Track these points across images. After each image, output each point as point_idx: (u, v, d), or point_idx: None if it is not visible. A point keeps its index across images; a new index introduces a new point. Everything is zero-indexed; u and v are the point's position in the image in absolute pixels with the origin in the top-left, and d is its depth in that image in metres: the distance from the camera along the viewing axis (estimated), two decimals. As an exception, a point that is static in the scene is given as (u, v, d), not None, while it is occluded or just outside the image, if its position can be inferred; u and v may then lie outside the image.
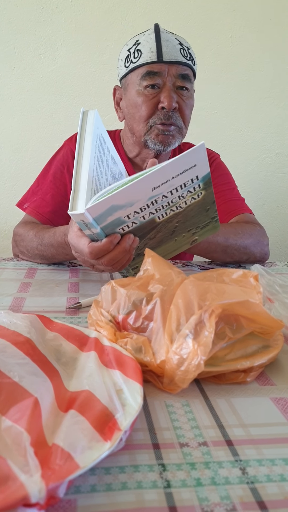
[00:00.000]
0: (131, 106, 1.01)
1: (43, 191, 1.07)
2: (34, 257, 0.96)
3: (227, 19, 1.76)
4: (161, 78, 0.96)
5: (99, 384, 0.44)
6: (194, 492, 0.34)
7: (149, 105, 0.98)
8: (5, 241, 1.85)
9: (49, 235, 0.90)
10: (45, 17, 1.69)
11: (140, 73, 0.97)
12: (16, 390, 0.40)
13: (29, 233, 0.96)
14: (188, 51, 0.99)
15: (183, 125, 1.02)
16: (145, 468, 0.36)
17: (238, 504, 0.33)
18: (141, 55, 0.97)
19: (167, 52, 0.96)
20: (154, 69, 0.96)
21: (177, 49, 0.97)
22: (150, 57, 0.96)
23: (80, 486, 0.34)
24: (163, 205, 0.69)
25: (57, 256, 0.91)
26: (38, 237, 0.93)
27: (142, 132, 1.01)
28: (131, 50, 0.99)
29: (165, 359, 0.47)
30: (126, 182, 0.64)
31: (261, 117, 1.89)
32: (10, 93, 1.75)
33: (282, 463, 0.37)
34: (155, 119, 0.98)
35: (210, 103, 1.85)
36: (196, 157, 0.64)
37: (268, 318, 0.53)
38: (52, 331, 0.55)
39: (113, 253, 0.69)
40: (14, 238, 1.03)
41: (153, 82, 0.96)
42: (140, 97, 0.98)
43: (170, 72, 0.96)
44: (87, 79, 1.75)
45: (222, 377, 0.50)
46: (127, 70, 1.00)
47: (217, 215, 0.79)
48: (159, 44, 0.96)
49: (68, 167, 1.09)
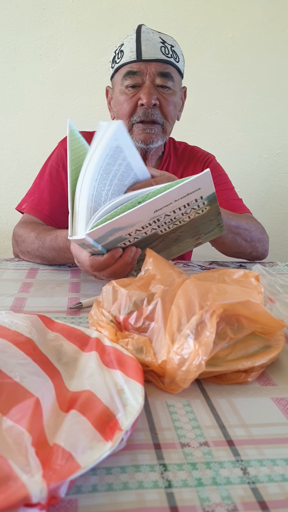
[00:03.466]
0: (116, 104, 1.05)
1: (40, 190, 1.08)
2: (35, 258, 0.96)
3: (228, 19, 1.76)
4: (141, 77, 0.99)
5: (100, 384, 0.44)
6: (195, 492, 0.34)
7: (129, 103, 1.01)
8: (7, 241, 1.85)
9: (51, 238, 0.89)
10: (46, 17, 1.69)
11: (122, 73, 1.01)
12: (17, 390, 0.40)
13: (30, 234, 0.95)
14: (172, 49, 1.00)
15: (166, 121, 1.03)
16: (146, 468, 0.36)
17: (239, 504, 0.33)
18: (123, 56, 1.00)
19: (146, 51, 0.98)
20: (133, 68, 0.99)
21: (157, 47, 0.98)
22: (130, 57, 0.99)
23: (81, 486, 0.34)
24: (166, 222, 0.68)
25: (58, 259, 0.91)
26: (39, 240, 0.93)
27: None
28: (116, 52, 1.03)
29: (166, 359, 0.47)
30: (127, 204, 0.63)
31: (262, 117, 1.89)
32: (11, 94, 1.75)
33: (283, 463, 0.37)
34: (135, 117, 1.01)
35: (211, 103, 1.85)
36: (201, 182, 0.64)
37: (269, 318, 0.53)
38: (53, 331, 0.55)
39: (114, 266, 0.70)
40: (14, 238, 1.02)
41: (133, 82, 0.99)
42: (122, 95, 1.02)
43: (150, 70, 0.99)
44: (88, 80, 1.76)
45: (223, 377, 0.50)
46: (113, 70, 1.05)
47: (222, 221, 0.79)
48: (138, 44, 0.98)
49: (63, 165, 1.09)
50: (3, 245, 1.88)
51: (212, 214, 0.73)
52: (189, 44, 1.76)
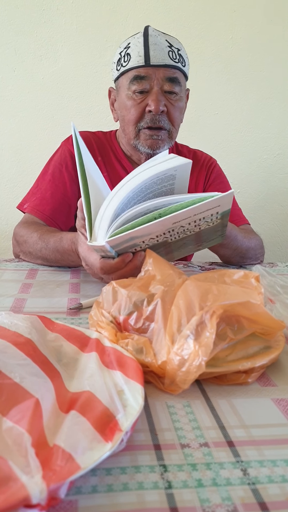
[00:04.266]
0: (122, 108, 1.04)
1: (42, 190, 1.07)
2: (36, 259, 0.95)
3: (227, 20, 1.77)
4: (149, 82, 0.98)
5: (100, 385, 0.43)
6: (195, 493, 0.34)
7: (137, 109, 1.00)
8: (6, 242, 1.85)
9: (55, 240, 0.89)
10: (46, 18, 1.69)
11: (129, 77, 0.99)
12: (17, 391, 0.40)
13: (33, 235, 0.94)
14: (178, 53, 1.00)
15: (172, 127, 1.03)
16: (146, 469, 0.36)
17: (239, 505, 0.33)
18: (130, 59, 0.99)
19: (155, 56, 0.97)
20: (141, 73, 0.98)
21: (165, 52, 0.97)
22: (138, 61, 0.98)
23: (81, 487, 0.34)
24: (178, 232, 0.70)
25: (61, 261, 0.90)
26: (42, 241, 0.92)
27: (131, 135, 1.04)
28: (122, 54, 1.01)
29: (166, 360, 0.47)
30: (148, 216, 0.65)
31: (262, 118, 1.89)
32: (11, 95, 1.75)
33: (284, 464, 0.37)
34: (142, 123, 1.01)
35: (211, 104, 1.85)
36: (223, 200, 0.66)
37: (270, 319, 0.53)
38: (53, 332, 0.55)
39: (124, 270, 0.71)
40: (15, 237, 1.02)
41: (141, 88, 0.98)
42: (129, 101, 1.01)
43: (158, 76, 0.98)
44: (88, 80, 1.76)
45: (223, 378, 0.50)
46: (118, 73, 1.03)
47: (225, 231, 0.81)
48: (146, 48, 0.97)
49: (66, 165, 1.09)
50: (2, 245, 1.88)
51: (220, 225, 0.75)
52: (189, 44, 1.75)
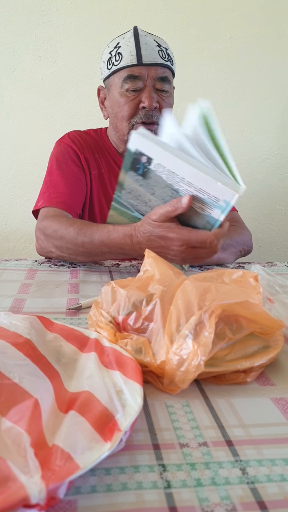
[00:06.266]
0: (114, 106, 1.07)
1: (54, 184, 1.07)
2: (77, 255, 0.91)
3: (226, 20, 1.77)
4: (142, 81, 1.02)
5: (99, 385, 0.44)
6: (194, 492, 0.34)
7: (131, 106, 1.04)
8: (6, 243, 1.85)
9: (101, 234, 0.86)
10: (45, 19, 1.69)
11: (122, 76, 1.02)
12: (16, 391, 0.40)
13: (69, 230, 0.90)
14: (166, 52, 1.04)
15: None
16: (145, 468, 0.36)
17: (238, 505, 0.33)
18: (122, 58, 1.02)
19: (146, 55, 1.01)
20: (134, 72, 1.01)
21: (155, 51, 1.02)
22: (130, 60, 1.01)
23: (81, 486, 0.34)
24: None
25: (107, 254, 0.88)
26: (83, 235, 0.88)
27: (125, 131, 1.07)
28: (112, 53, 1.04)
29: (165, 359, 0.47)
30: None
31: (261, 118, 1.89)
32: (10, 95, 1.75)
33: (282, 463, 0.37)
34: (136, 119, 1.04)
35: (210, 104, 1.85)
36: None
37: (268, 319, 0.53)
38: (52, 332, 0.55)
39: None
40: (43, 232, 0.96)
41: (134, 87, 1.02)
42: (122, 98, 1.04)
43: (150, 74, 1.02)
44: (87, 81, 1.76)
45: (222, 378, 0.50)
46: (110, 72, 1.05)
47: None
48: (138, 48, 1.01)
49: (71, 159, 1.10)
50: (2, 246, 1.88)
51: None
52: (187, 45, 1.76)
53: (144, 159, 0.74)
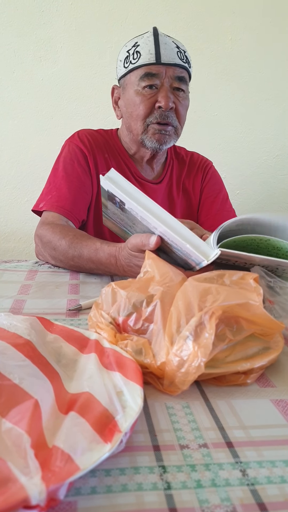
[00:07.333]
0: (129, 105, 1.05)
1: (58, 187, 1.06)
2: (70, 267, 0.93)
3: (226, 21, 1.77)
4: (159, 79, 1.01)
5: (99, 386, 0.44)
6: (194, 494, 0.34)
7: (146, 104, 1.02)
8: (5, 243, 1.85)
9: (89, 251, 0.86)
10: (45, 20, 1.70)
11: (139, 74, 1.01)
12: (16, 392, 0.40)
13: (61, 242, 0.91)
14: (185, 54, 1.03)
15: (179, 125, 1.06)
16: (145, 470, 0.36)
17: (239, 506, 0.33)
18: (140, 57, 1.00)
19: (165, 55, 0.99)
20: (152, 70, 1.00)
21: (174, 52, 1.01)
22: (149, 59, 1.00)
23: (81, 488, 0.34)
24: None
25: (95, 270, 0.88)
26: (74, 249, 0.89)
27: (139, 130, 1.05)
28: (130, 52, 1.03)
29: (165, 361, 0.47)
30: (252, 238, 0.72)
31: (261, 119, 1.89)
32: (10, 96, 1.76)
33: (283, 465, 0.37)
34: (151, 118, 1.03)
35: (210, 105, 1.85)
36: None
37: (269, 320, 0.53)
38: (52, 333, 0.55)
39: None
40: (40, 239, 0.97)
41: (151, 83, 1.00)
42: (138, 96, 1.02)
43: (168, 74, 1.01)
44: (87, 82, 1.76)
45: (222, 379, 0.50)
46: (126, 70, 1.04)
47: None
48: (157, 47, 0.99)
49: (78, 160, 1.09)
50: (3, 247, 1.88)
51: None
52: (188, 45, 1.74)
53: (117, 199, 0.70)
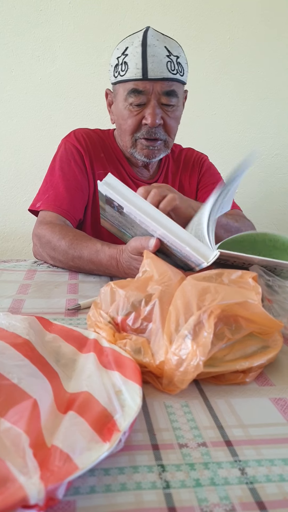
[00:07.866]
0: (118, 116, 1.05)
1: (54, 186, 1.06)
2: (69, 267, 0.92)
3: (225, 21, 1.77)
4: (146, 96, 0.98)
5: (98, 385, 0.44)
6: (193, 492, 0.34)
7: (133, 121, 1.01)
8: (5, 243, 1.85)
9: (89, 253, 0.86)
10: (43, 19, 1.69)
11: (126, 88, 0.99)
12: (15, 392, 0.40)
13: (61, 243, 0.90)
14: (177, 61, 0.98)
15: (168, 137, 1.05)
16: (144, 469, 0.36)
17: (237, 505, 0.33)
18: (127, 70, 0.97)
19: (152, 69, 0.95)
20: (139, 87, 0.97)
21: (163, 63, 0.96)
22: (135, 74, 0.96)
23: (79, 487, 0.34)
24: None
25: (96, 271, 0.88)
26: (74, 250, 0.88)
27: (128, 144, 1.06)
28: (119, 60, 0.99)
29: (164, 360, 0.47)
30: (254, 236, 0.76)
31: (260, 118, 1.89)
32: (9, 95, 1.75)
33: (281, 463, 0.37)
34: (139, 134, 1.02)
35: (209, 104, 1.85)
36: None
37: (267, 319, 0.53)
38: (51, 333, 0.55)
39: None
40: (38, 239, 0.97)
41: (138, 101, 0.99)
42: (126, 110, 1.01)
43: (155, 89, 0.97)
44: (86, 81, 1.76)
45: (221, 378, 0.50)
46: (116, 80, 1.02)
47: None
48: (144, 61, 0.95)
49: (74, 159, 1.09)
50: (1, 246, 1.87)
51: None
52: (186, 45, 1.74)
53: (115, 203, 0.70)
